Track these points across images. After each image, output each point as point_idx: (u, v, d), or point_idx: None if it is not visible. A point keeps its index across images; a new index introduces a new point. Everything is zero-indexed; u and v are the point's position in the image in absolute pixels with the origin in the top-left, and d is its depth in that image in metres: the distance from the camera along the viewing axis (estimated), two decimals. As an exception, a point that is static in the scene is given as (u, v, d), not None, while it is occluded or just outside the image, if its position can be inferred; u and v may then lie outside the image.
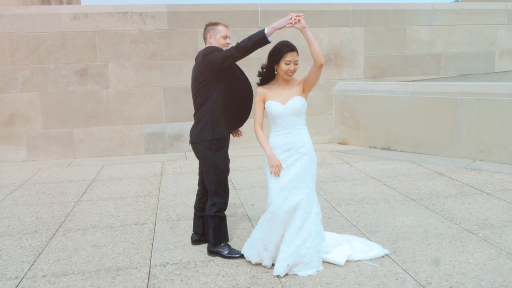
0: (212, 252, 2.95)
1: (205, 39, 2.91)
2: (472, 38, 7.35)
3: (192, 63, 6.89)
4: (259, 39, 2.54)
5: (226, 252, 2.91)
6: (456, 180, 4.54)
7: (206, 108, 2.78)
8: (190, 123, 7.06)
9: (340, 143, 6.88)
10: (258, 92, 2.69)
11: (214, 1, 6.30)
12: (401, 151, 6.03)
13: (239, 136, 3.13)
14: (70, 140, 6.34)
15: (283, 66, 2.58)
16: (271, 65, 2.62)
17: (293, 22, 2.51)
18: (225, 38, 2.84)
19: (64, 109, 6.27)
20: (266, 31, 2.54)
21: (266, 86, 2.70)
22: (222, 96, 2.78)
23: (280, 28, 2.55)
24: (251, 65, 6.54)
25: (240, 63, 2.74)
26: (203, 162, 2.90)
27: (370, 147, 6.42)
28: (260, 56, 6.90)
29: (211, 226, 2.91)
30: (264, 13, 6.60)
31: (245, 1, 6.81)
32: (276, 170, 2.60)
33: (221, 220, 2.93)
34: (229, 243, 3.04)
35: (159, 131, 6.58)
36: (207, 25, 2.89)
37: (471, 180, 4.50)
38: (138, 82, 6.41)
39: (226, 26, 2.88)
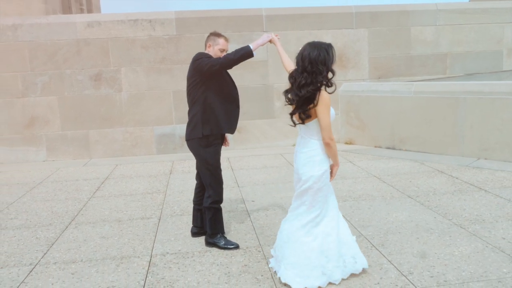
0: (209, 243, 3.15)
1: (205, 45, 3.11)
2: (478, 37, 7.32)
3: (200, 66, 7.11)
4: (245, 53, 2.84)
5: (222, 243, 3.10)
6: (456, 178, 4.59)
7: (197, 107, 3.00)
8: (199, 124, 7.25)
9: (346, 143, 6.97)
10: (329, 97, 2.44)
11: (220, 7, 6.54)
12: (405, 150, 6.08)
13: (226, 146, 3.28)
14: (86, 141, 6.67)
15: None
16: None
17: (272, 39, 2.94)
18: (222, 51, 3.01)
19: (80, 112, 6.61)
20: (251, 47, 2.84)
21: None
22: (210, 97, 2.97)
23: (263, 45, 2.93)
24: (257, 68, 6.80)
25: (246, 65, 2.90)
26: (197, 157, 3.14)
27: (375, 147, 6.49)
28: (266, 59, 7.08)
29: (207, 217, 3.11)
30: (268, 17, 6.78)
31: (250, 6, 7.02)
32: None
33: (217, 212, 3.11)
34: (227, 235, 3.23)
35: (169, 132, 6.84)
36: (211, 34, 3.08)
37: (471, 178, 4.54)
38: (149, 86, 6.69)
39: (227, 39, 3.05)
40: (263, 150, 6.69)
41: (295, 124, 2.58)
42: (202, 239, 3.28)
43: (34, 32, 6.38)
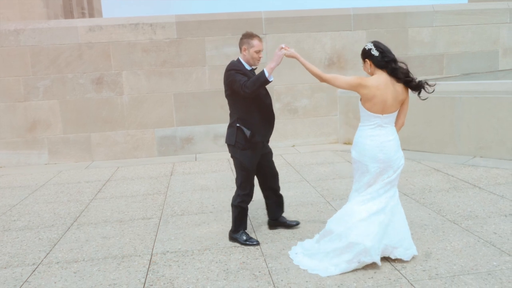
0: (232, 238, 3.27)
1: (240, 48, 3.10)
2: (475, 38, 7.41)
3: (200, 69, 7.24)
4: (263, 82, 2.93)
5: (243, 239, 3.20)
6: (452, 176, 4.66)
7: (234, 116, 3.14)
8: (200, 126, 7.40)
9: (345, 143, 7.04)
10: None
11: (220, 10, 6.64)
12: (404, 149, 6.11)
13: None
14: (88, 144, 6.76)
15: None
16: None
17: (287, 54, 2.89)
18: (257, 52, 3.03)
19: (82, 115, 6.70)
20: (266, 74, 2.88)
21: None
22: (244, 107, 3.08)
23: (278, 65, 2.90)
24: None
25: None
26: (233, 159, 3.21)
27: (373, 147, 6.55)
28: (265, 61, 7.16)
29: (233, 214, 3.24)
30: (267, 20, 6.87)
31: (249, 9, 7.13)
32: None
33: (243, 211, 3.22)
34: (225, 233, 3.32)
35: (170, 134, 6.92)
36: (244, 36, 3.08)
37: (466, 176, 4.60)
38: (150, 89, 6.78)
39: (260, 40, 3.06)
40: (262, 151, 6.75)
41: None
42: (201, 238, 3.35)
43: (36, 36, 6.49)
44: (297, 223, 3.45)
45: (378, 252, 2.61)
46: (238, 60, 3.11)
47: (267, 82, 2.91)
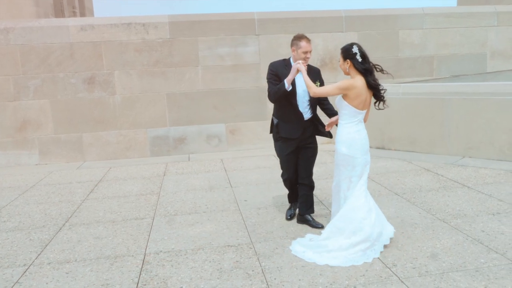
0: None
1: (291, 48, 3.37)
2: (464, 40, 7.54)
3: (193, 69, 7.24)
4: (283, 92, 3.32)
5: (286, 212, 3.73)
6: (442, 175, 4.74)
7: (273, 110, 3.57)
8: (193, 126, 7.40)
9: (337, 144, 7.10)
10: None
11: (213, 11, 6.66)
12: (395, 150, 6.22)
13: (327, 129, 3.48)
14: (79, 144, 6.71)
15: None
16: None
17: (298, 68, 3.21)
18: (305, 53, 3.27)
19: (73, 115, 6.64)
20: (286, 85, 3.27)
21: None
22: (279, 105, 3.46)
23: (294, 76, 3.26)
24: (249, 70, 6.89)
25: (239, 68, 3.22)
26: None
27: (365, 147, 6.62)
28: (258, 61, 7.15)
29: None
30: (260, 21, 6.90)
31: (242, 10, 7.17)
32: None
33: (287, 186, 3.73)
34: (219, 233, 3.36)
35: (163, 134, 6.91)
36: (294, 38, 3.34)
37: (455, 175, 4.69)
38: (142, 89, 6.76)
39: (308, 41, 3.29)
40: (256, 152, 6.78)
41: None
42: (195, 237, 3.36)
43: (26, 35, 6.42)
44: (322, 226, 3.44)
45: (382, 234, 2.89)
46: (289, 59, 3.43)
47: (287, 91, 3.28)
